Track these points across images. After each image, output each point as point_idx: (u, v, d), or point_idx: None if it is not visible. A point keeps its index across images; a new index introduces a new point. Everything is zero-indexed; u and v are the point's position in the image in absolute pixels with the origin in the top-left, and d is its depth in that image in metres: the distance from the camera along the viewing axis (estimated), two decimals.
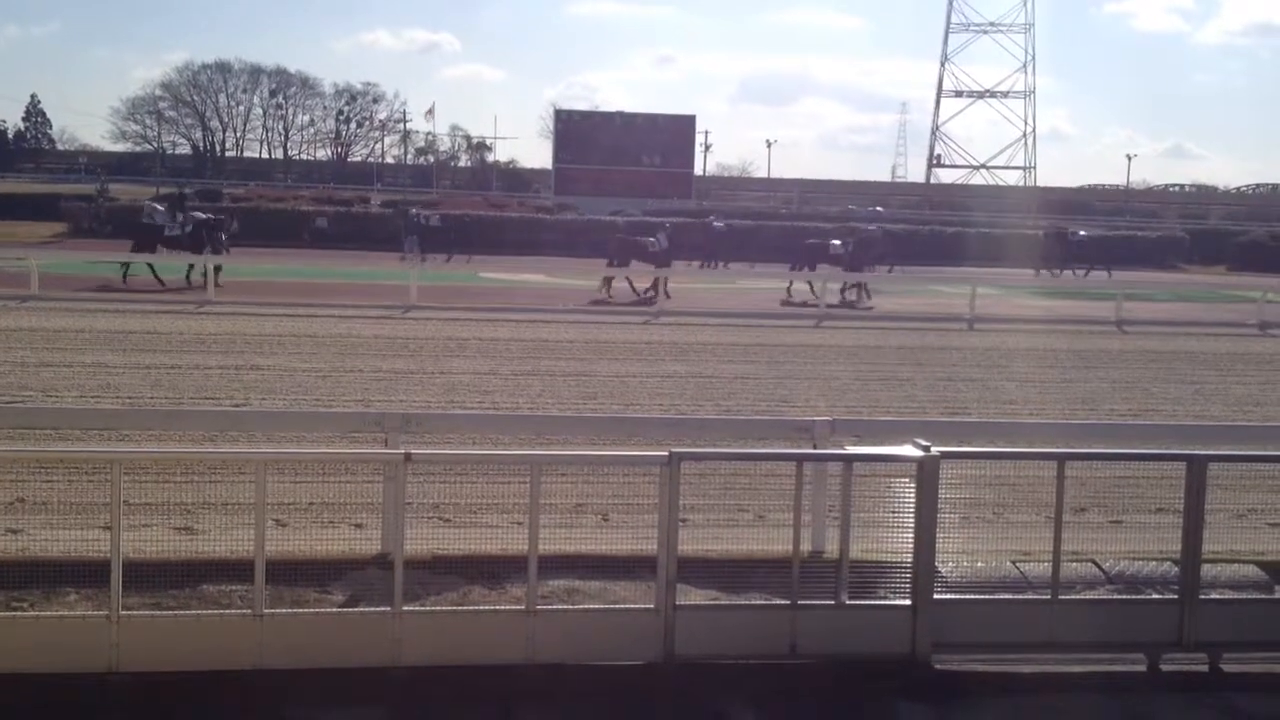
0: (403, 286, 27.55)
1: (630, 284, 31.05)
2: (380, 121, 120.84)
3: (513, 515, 8.90)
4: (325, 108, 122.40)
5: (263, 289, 27.69)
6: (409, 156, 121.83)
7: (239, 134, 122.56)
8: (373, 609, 7.34)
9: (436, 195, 78.98)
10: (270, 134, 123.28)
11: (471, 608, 7.61)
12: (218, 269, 28.13)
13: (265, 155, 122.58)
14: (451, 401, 15.00)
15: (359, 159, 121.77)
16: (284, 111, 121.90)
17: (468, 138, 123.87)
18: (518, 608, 7.26)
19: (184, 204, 32.82)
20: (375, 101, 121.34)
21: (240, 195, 62.48)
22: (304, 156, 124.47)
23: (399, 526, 7.16)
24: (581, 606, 7.72)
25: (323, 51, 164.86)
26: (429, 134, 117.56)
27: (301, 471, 9.95)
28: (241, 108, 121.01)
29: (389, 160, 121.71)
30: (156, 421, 11.09)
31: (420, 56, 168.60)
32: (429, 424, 9.91)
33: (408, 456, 7.27)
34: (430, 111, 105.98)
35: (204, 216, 32.21)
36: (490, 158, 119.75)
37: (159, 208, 32.74)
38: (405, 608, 7.06)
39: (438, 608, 7.57)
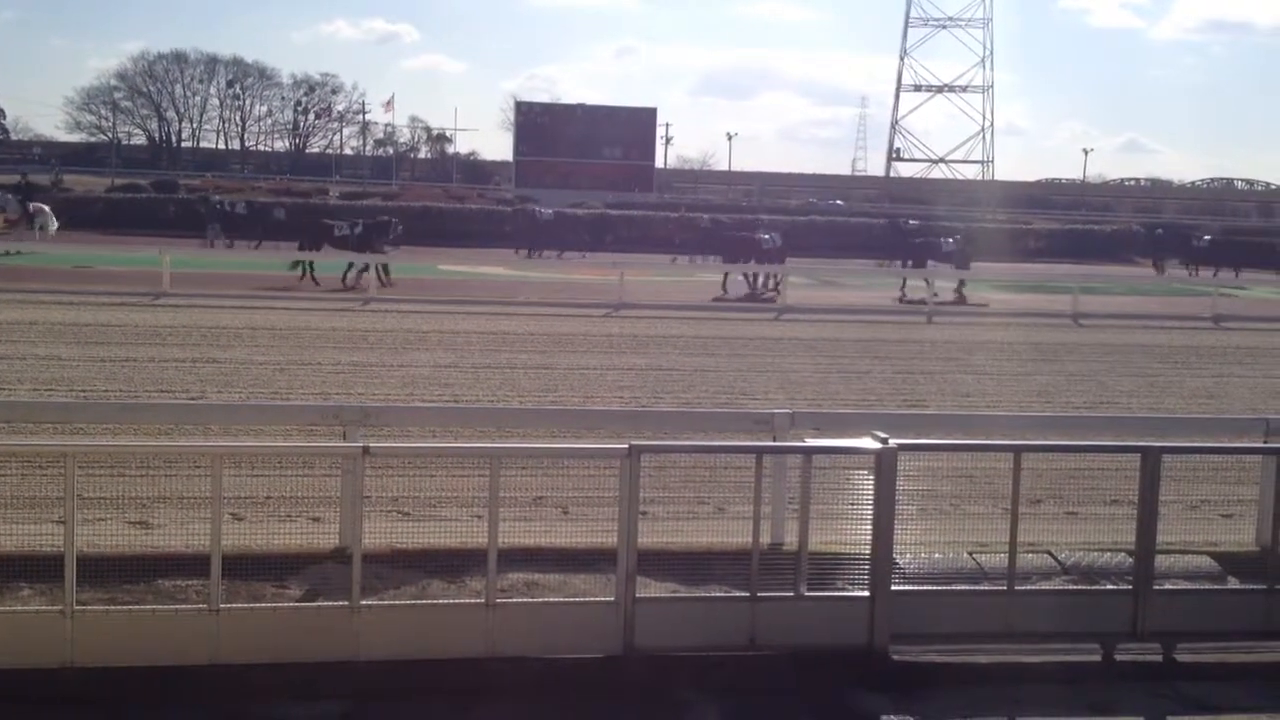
0: (362, 279, 27.38)
1: (746, 279, 31.34)
2: (339, 113, 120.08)
3: (472, 509, 8.87)
4: (283, 98, 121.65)
5: (220, 281, 27.44)
6: (368, 148, 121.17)
7: (195, 125, 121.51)
8: (330, 603, 7.28)
9: (396, 187, 78.63)
10: (227, 125, 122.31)
11: (430, 601, 7.57)
12: (385, 268, 29.17)
13: (222, 146, 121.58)
14: (411, 394, 14.93)
15: (317, 150, 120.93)
16: (241, 102, 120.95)
17: (427, 129, 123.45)
18: (477, 601, 7.23)
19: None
20: (334, 92, 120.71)
21: (196, 186, 61.87)
22: (261, 148, 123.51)
23: (357, 520, 7.12)
24: (541, 599, 7.71)
25: (281, 42, 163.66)
26: (388, 125, 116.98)
27: (258, 465, 9.88)
28: (198, 98, 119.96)
29: (348, 152, 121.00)
30: (111, 415, 10.94)
31: (379, 47, 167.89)
32: (388, 417, 9.84)
33: (366, 450, 7.23)
34: (389, 103, 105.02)
35: (382, 219, 33.71)
36: (450, 149, 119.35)
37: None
38: (363, 602, 7.02)
39: (396, 602, 7.52)
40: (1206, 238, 47.49)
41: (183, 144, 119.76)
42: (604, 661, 7.18)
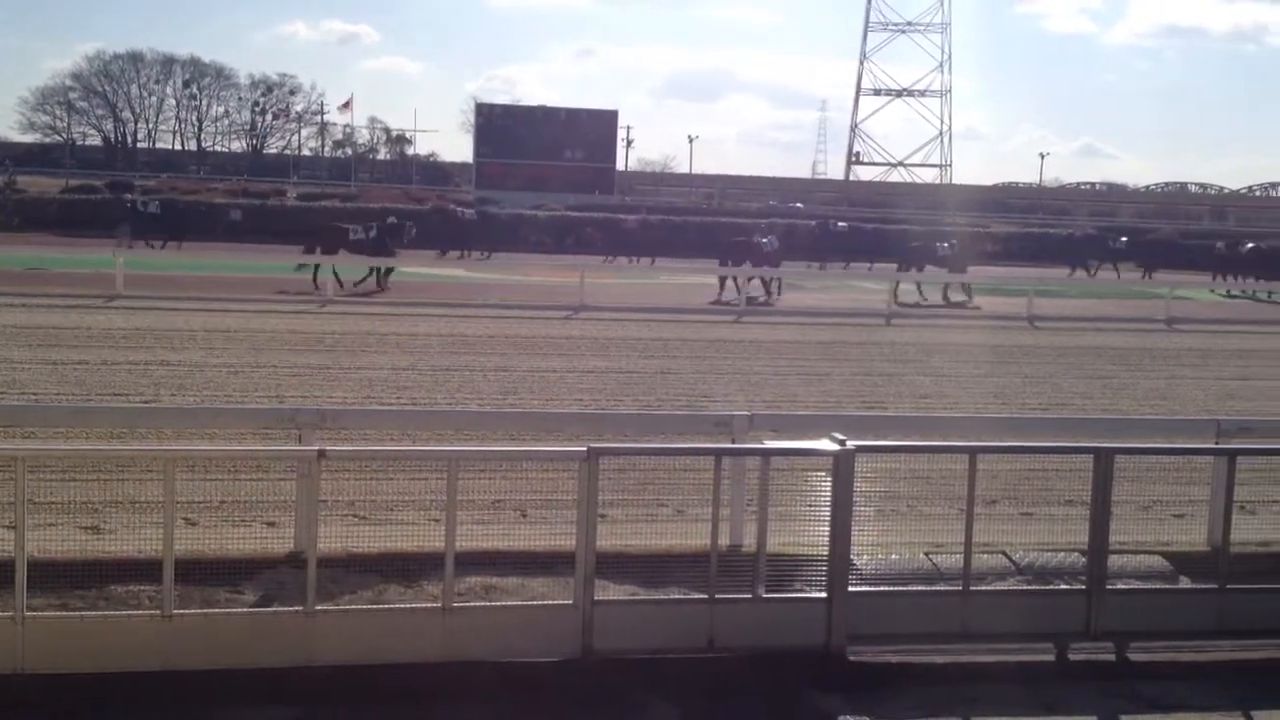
0: (319, 281, 27.22)
1: (735, 284, 31.17)
2: (297, 113, 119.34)
3: (430, 512, 8.83)
4: (240, 99, 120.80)
5: (174, 283, 27.18)
6: (326, 149, 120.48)
7: (151, 125, 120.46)
8: (285, 608, 7.23)
9: (355, 188, 78.17)
10: (184, 125, 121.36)
11: (387, 606, 7.53)
12: (388, 271, 29.48)
13: (178, 147, 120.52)
14: (368, 397, 14.85)
15: (275, 151, 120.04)
16: (198, 102, 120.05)
17: (387, 130, 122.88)
18: (434, 605, 7.19)
19: None
20: (292, 93, 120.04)
21: (152, 187, 61.21)
22: (218, 148, 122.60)
23: (312, 524, 7.07)
24: (499, 603, 7.68)
25: (238, 42, 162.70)
26: (347, 126, 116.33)
27: (212, 469, 9.80)
28: (154, 98, 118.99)
29: (306, 153, 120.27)
30: (62, 418, 10.81)
31: (338, 48, 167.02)
32: (344, 420, 9.79)
33: (321, 453, 7.18)
34: (347, 104, 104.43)
35: (391, 221, 33.73)
36: (410, 151, 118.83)
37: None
38: (319, 607, 6.97)
39: (352, 606, 7.48)
40: (1123, 239, 48.14)
41: (139, 145, 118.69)
42: (562, 665, 7.17)
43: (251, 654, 6.85)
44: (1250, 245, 44.58)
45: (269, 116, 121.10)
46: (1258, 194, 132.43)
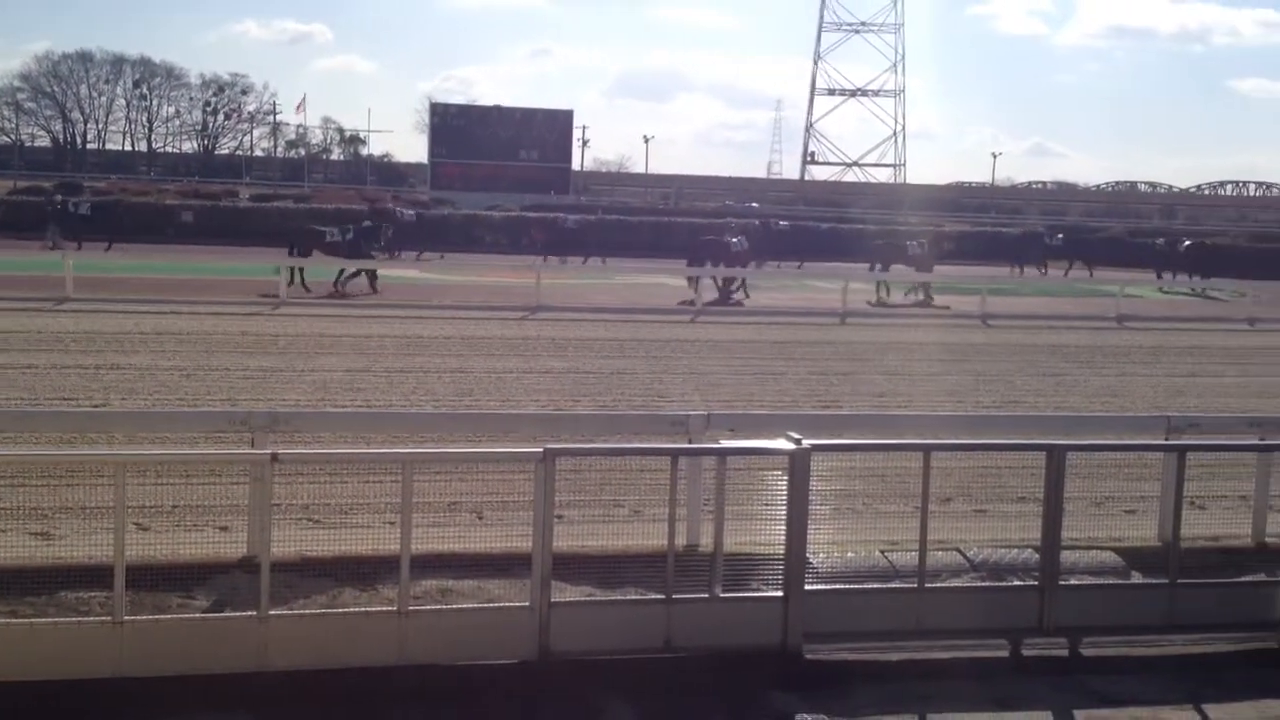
0: (272, 282, 27.00)
1: (715, 283, 31.45)
2: (249, 114, 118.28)
3: (385, 515, 8.78)
4: (191, 99, 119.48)
5: (124, 285, 26.86)
6: (279, 150, 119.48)
7: (101, 126, 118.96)
8: (238, 613, 7.16)
9: (308, 189, 77.60)
10: (134, 126, 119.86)
11: (341, 610, 7.48)
12: (357, 273, 29.16)
13: (129, 148, 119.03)
14: (322, 400, 14.74)
15: (227, 152, 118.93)
16: (148, 103, 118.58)
17: (340, 131, 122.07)
18: (389, 609, 7.16)
19: None
20: (244, 93, 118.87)
21: (102, 189, 60.48)
22: (169, 149, 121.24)
23: (265, 528, 7.00)
24: (455, 606, 7.65)
25: (189, 42, 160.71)
26: (300, 127, 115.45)
27: (164, 473, 9.70)
28: (104, 99, 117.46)
29: (258, 153, 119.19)
30: (10, 423, 10.64)
31: (291, 47, 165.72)
32: (298, 423, 9.71)
33: (274, 457, 7.11)
34: (301, 105, 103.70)
35: (365, 225, 33.31)
36: (364, 151, 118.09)
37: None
38: (272, 611, 6.91)
39: (306, 611, 7.42)
40: (1059, 236, 48.72)
41: (88, 146, 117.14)
42: (519, 667, 7.15)
43: (204, 660, 6.79)
44: (1188, 243, 45.21)
45: (220, 117, 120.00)
46: (1206, 193, 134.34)
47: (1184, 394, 17.81)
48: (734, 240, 34.04)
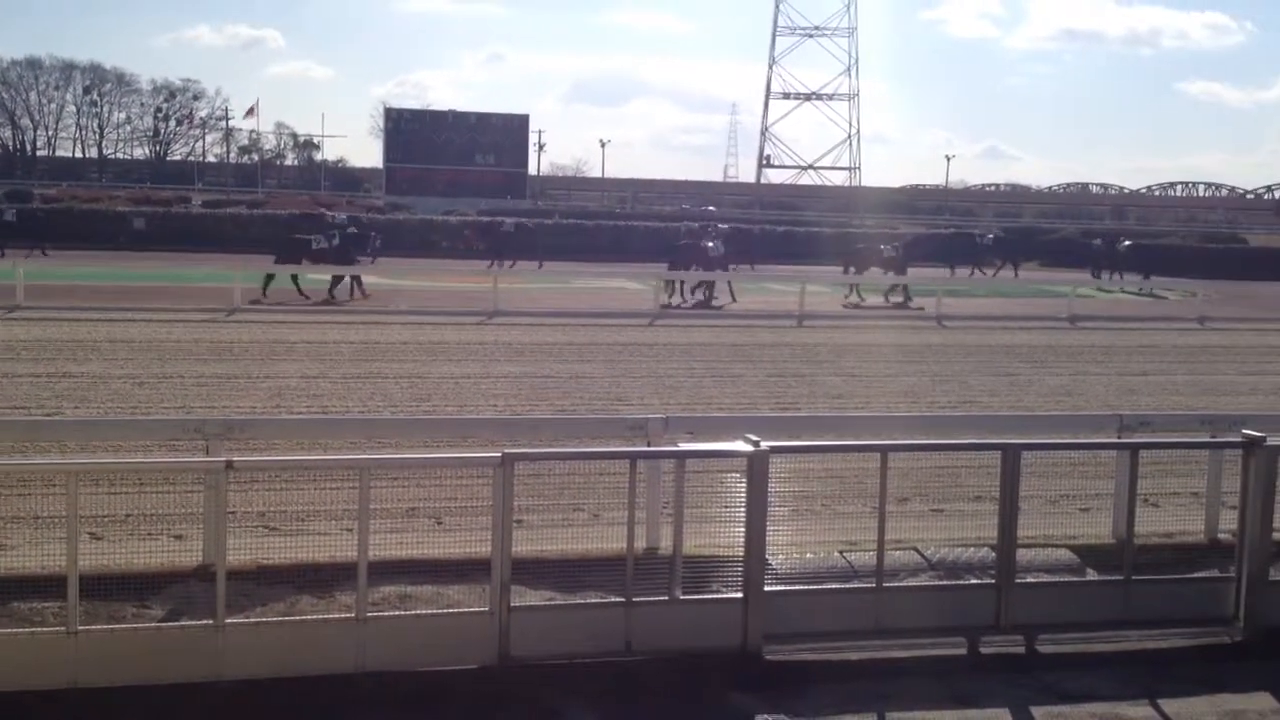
0: (226, 289, 26.78)
1: (679, 287, 31.70)
2: (201, 119, 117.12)
3: (342, 522, 8.72)
4: (143, 105, 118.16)
5: (76, 293, 26.54)
6: (232, 155, 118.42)
7: (51, 132, 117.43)
8: (194, 622, 7.08)
9: (262, 195, 76.95)
10: (85, 132, 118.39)
11: (299, 618, 7.41)
12: (356, 279, 29.53)
13: (79, 154, 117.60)
14: (278, 406, 14.62)
15: (179, 158, 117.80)
16: (99, 109, 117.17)
17: (294, 136, 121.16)
18: (347, 616, 7.10)
19: None
20: (196, 98, 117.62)
21: (52, 196, 59.75)
22: (120, 155, 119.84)
23: (221, 536, 6.94)
24: (414, 612, 7.60)
25: (140, 47, 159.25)
26: (253, 132, 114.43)
27: (117, 482, 9.57)
28: (54, 105, 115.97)
29: (211, 159, 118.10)
30: None
31: (243, 53, 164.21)
32: (253, 430, 9.61)
33: (229, 464, 7.05)
34: (253, 109, 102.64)
35: (351, 231, 33.47)
36: (318, 156, 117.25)
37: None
38: (228, 620, 6.85)
39: (263, 619, 7.36)
40: (990, 236, 49.32)
41: (38, 153, 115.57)
42: (479, 673, 7.12)
43: (160, 670, 6.72)
44: (1127, 242, 45.78)
45: (172, 123, 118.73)
46: (1156, 194, 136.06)
47: (1136, 393, 18.02)
48: (711, 245, 34.20)
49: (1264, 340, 26.52)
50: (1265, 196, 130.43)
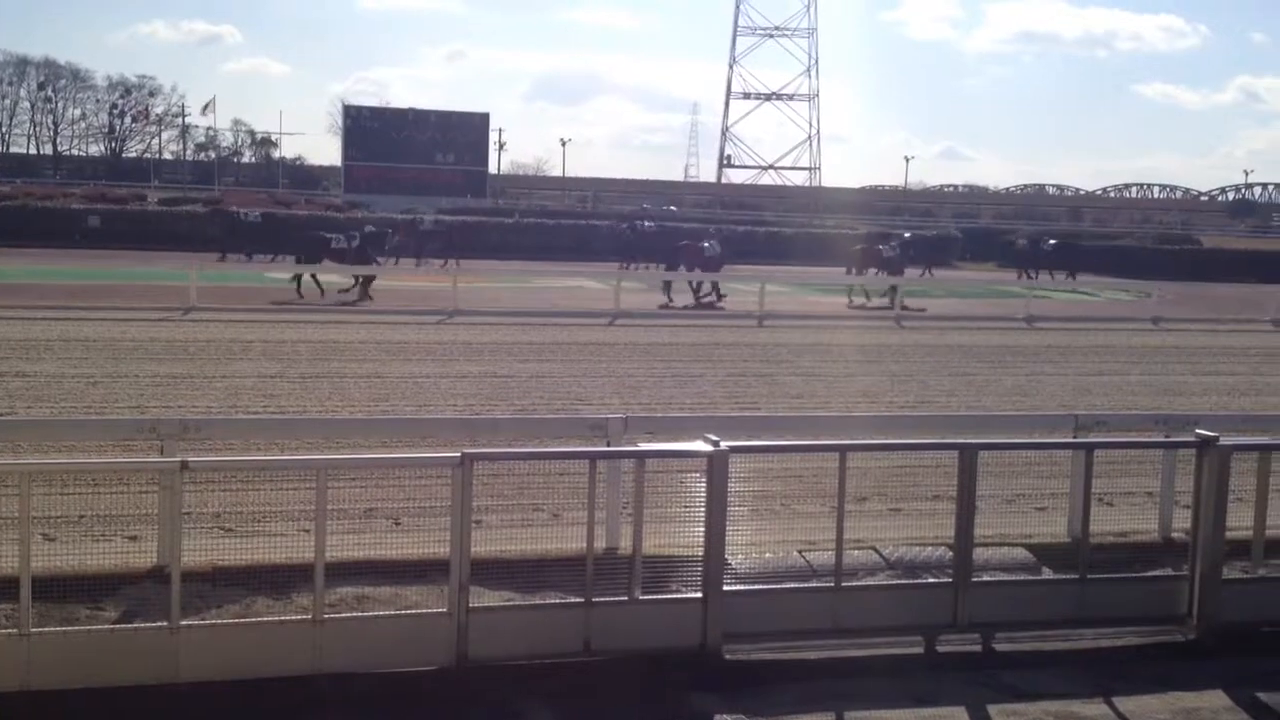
0: (182, 287, 26.53)
1: (691, 287, 32.01)
2: (157, 116, 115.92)
3: (299, 523, 8.66)
4: (98, 101, 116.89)
5: (30, 291, 26.22)
6: (189, 152, 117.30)
7: (4, 129, 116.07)
8: (148, 624, 7.01)
9: (218, 192, 76.29)
10: (39, 129, 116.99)
11: (254, 619, 7.35)
12: (368, 279, 29.50)
13: (33, 151, 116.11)
14: (234, 406, 14.49)
15: (135, 155, 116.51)
16: (53, 105, 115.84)
17: (251, 133, 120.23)
18: (304, 617, 7.05)
19: None
20: (152, 95, 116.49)
21: (6, 193, 58.93)
22: (75, 152, 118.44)
23: (176, 537, 6.88)
24: (371, 613, 7.56)
25: (96, 43, 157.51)
26: (209, 129, 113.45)
27: (71, 483, 9.47)
28: (7, 101, 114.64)
29: (167, 156, 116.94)
30: None
31: (200, 49, 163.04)
32: (209, 430, 9.53)
33: (184, 464, 6.98)
34: (209, 106, 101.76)
35: (369, 230, 33.98)
36: (276, 154, 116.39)
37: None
38: (184, 622, 6.78)
39: (218, 621, 7.29)
40: (907, 235, 49.76)
41: None
42: (437, 674, 7.09)
43: (114, 672, 6.64)
44: (1053, 242, 46.17)
45: (128, 119, 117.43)
46: (1112, 195, 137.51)
47: (1091, 393, 18.19)
48: (707, 245, 34.33)
49: (1217, 341, 26.84)
50: (1219, 198, 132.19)
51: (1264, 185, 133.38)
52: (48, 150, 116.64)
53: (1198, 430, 8.75)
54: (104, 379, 16.10)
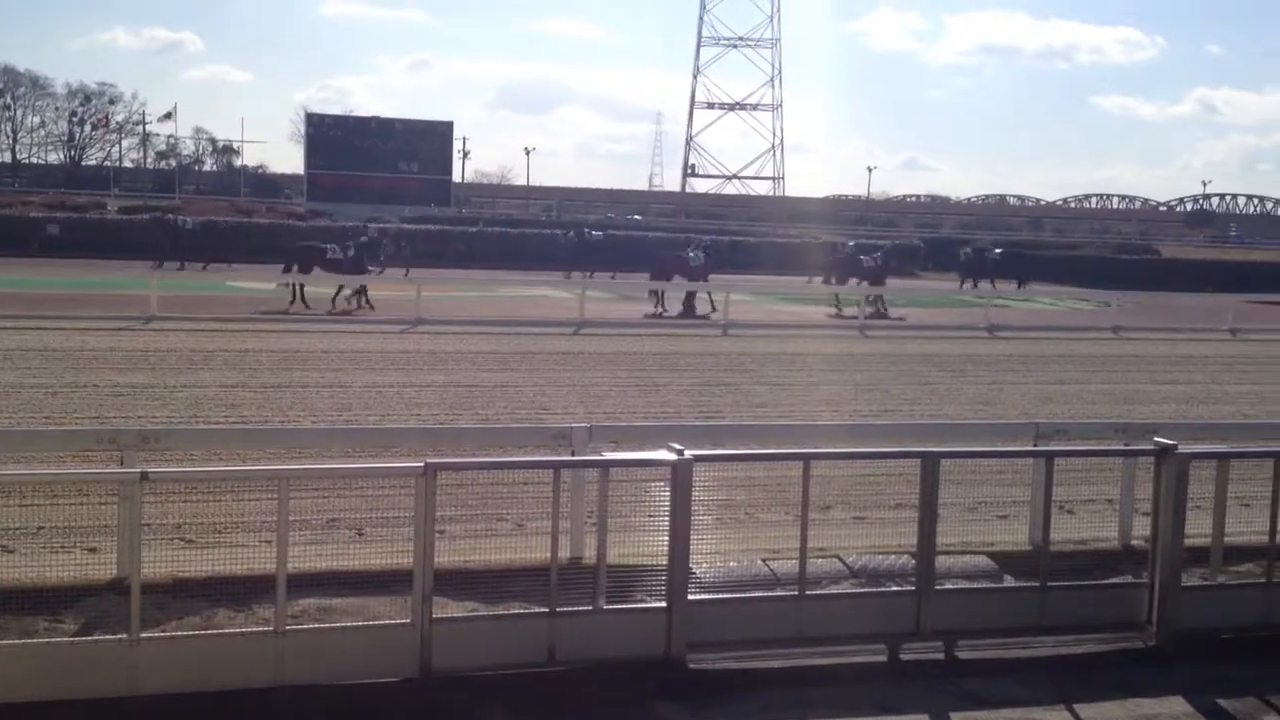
0: (143, 296, 26.27)
1: (658, 297, 32.13)
2: (117, 123, 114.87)
3: (261, 533, 8.60)
4: (57, 109, 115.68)
5: None
6: (149, 161, 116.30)
7: None
8: (108, 637, 6.93)
9: (179, 200, 75.68)
10: None
11: (215, 631, 7.29)
12: (362, 289, 29.36)
13: None
14: (195, 416, 14.37)
15: (95, 163, 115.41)
16: (12, 113, 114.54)
17: (213, 141, 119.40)
18: (265, 629, 7.00)
19: None
20: (112, 102, 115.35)
21: None
22: (35, 160, 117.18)
23: (135, 549, 6.81)
24: (334, 624, 7.51)
25: (55, 50, 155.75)
26: (170, 137, 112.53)
27: (29, 494, 9.37)
28: None
29: (128, 164, 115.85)
30: None
31: (161, 56, 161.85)
32: (170, 440, 9.44)
33: (144, 475, 6.92)
34: (170, 114, 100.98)
35: (365, 240, 33.34)
36: (238, 162, 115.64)
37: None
38: (144, 634, 6.72)
39: (179, 633, 7.22)
40: (850, 244, 50.08)
41: None
42: (400, 685, 7.05)
43: (73, 685, 6.57)
44: (998, 250, 46.53)
45: (88, 127, 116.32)
46: (1072, 205, 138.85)
47: (1052, 401, 18.34)
48: (693, 255, 34.35)
49: (1176, 350, 27.12)
50: (1177, 208, 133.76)
51: (1221, 196, 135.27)
52: (7, 158, 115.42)
53: (1157, 438, 8.83)
54: (63, 389, 15.93)
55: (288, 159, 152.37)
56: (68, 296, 27.87)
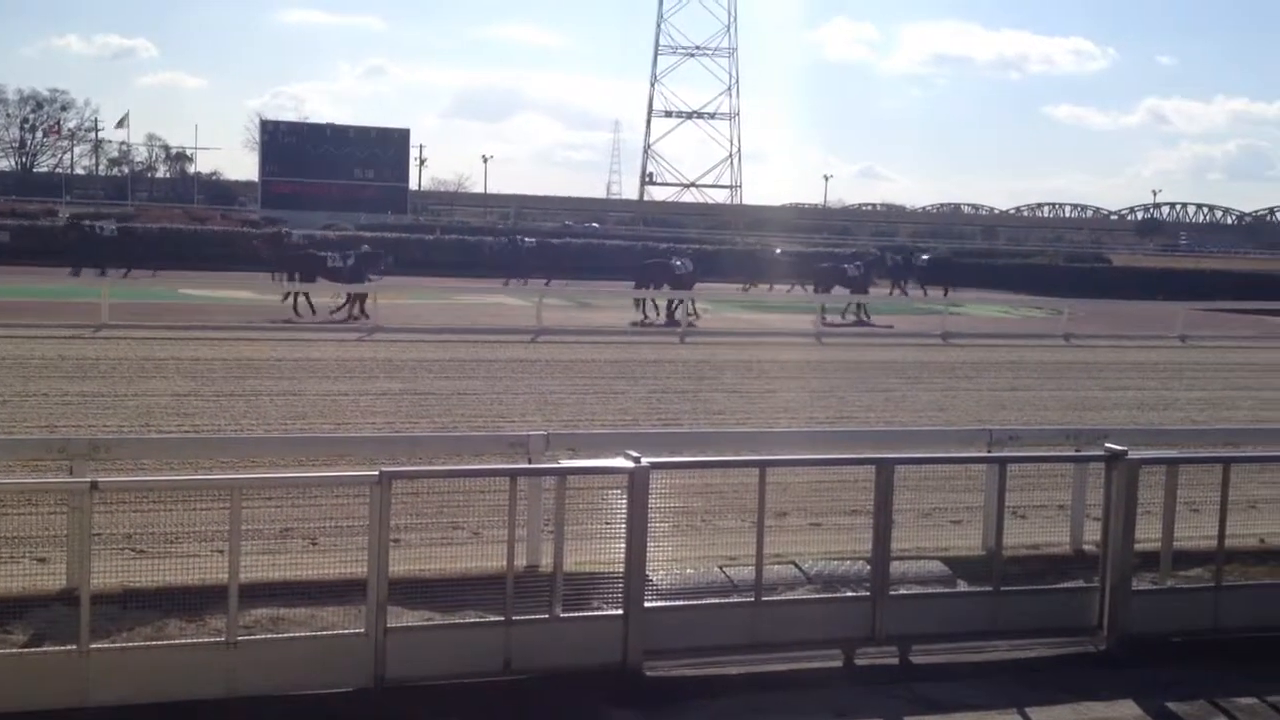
0: (93, 304, 25.97)
1: (653, 305, 32.36)
2: (69, 130, 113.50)
3: (213, 543, 8.50)
4: (9, 115, 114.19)
5: None
6: (102, 167, 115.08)
7: None
8: (57, 648, 6.85)
9: (132, 208, 74.90)
10: None
11: (167, 642, 7.21)
12: (361, 297, 29.17)
13: None
14: (146, 425, 14.20)
15: (46, 170, 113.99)
16: None
17: (166, 148, 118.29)
18: (217, 640, 6.93)
19: None
20: (64, 109, 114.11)
21: None
22: None
23: (85, 559, 6.72)
24: (287, 635, 7.44)
25: (7, 56, 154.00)
26: (123, 144, 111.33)
27: None
28: None
29: (80, 171, 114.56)
30: None
31: (114, 63, 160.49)
32: (120, 449, 9.32)
33: (94, 485, 6.84)
34: (123, 121, 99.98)
35: (364, 250, 33.73)
36: (191, 169, 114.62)
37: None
38: (93, 645, 6.64)
39: (129, 644, 7.13)
40: (778, 250, 50.67)
41: None
42: (353, 695, 7.01)
43: (21, 697, 6.49)
44: (926, 256, 46.93)
45: (39, 134, 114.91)
46: (1025, 214, 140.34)
47: (1005, 408, 18.49)
48: (678, 263, 34.39)
49: (1125, 356, 27.44)
50: (1128, 217, 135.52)
51: (1171, 205, 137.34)
52: None
53: (1107, 444, 8.94)
54: (12, 398, 15.71)
55: (242, 166, 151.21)
56: (17, 304, 27.47)
